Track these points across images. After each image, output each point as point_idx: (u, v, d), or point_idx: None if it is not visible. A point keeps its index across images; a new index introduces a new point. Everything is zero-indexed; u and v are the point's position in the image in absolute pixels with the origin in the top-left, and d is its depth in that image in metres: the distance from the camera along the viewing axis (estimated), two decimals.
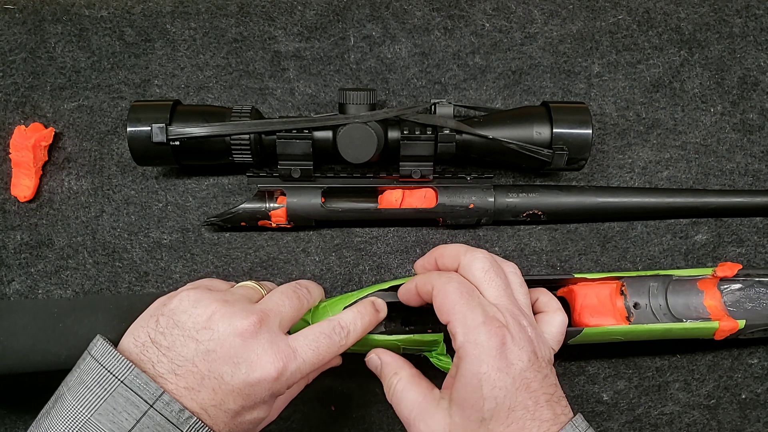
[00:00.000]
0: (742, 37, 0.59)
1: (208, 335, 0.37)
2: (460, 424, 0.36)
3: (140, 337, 0.37)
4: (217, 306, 0.38)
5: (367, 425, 0.54)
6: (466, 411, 0.36)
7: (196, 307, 0.38)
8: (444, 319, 0.39)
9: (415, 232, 0.55)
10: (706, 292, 0.49)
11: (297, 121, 0.49)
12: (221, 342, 0.36)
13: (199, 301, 0.38)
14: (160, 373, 0.36)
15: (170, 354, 0.36)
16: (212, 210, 0.55)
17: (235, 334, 0.37)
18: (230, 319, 0.37)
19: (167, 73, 0.57)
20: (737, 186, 0.57)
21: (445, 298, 0.39)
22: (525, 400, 0.36)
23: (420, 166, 0.51)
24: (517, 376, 0.36)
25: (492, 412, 0.35)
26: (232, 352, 0.36)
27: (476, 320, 0.37)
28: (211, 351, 0.36)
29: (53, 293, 0.54)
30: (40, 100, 0.56)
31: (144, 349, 0.37)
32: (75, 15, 0.57)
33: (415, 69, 0.57)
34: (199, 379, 0.36)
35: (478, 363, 0.36)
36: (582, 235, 0.56)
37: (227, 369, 0.36)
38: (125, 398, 0.34)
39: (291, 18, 0.58)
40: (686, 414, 0.54)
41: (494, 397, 0.35)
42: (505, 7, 0.58)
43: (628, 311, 0.48)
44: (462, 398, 0.36)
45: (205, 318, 0.37)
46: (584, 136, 0.50)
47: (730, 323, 0.48)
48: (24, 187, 0.54)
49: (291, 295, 0.42)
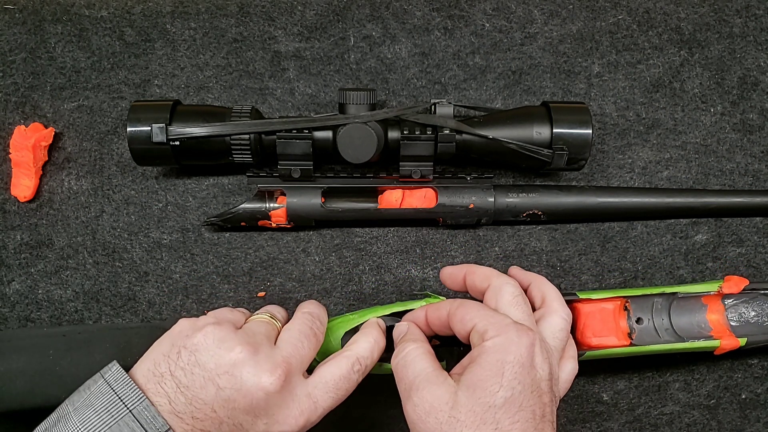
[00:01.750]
0: (742, 37, 0.59)
1: (231, 382, 0.36)
2: (465, 403, 0.35)
3: (160, 367, 0.37)
4: (242, 351, 0.37)
5: (367, 425, 0.54)
6: (477, 393, 0.35)
7: (220, 348, 0.37)
8: (466, 327, 0.38)
9: (415, 232, 0.55)
10: (710, 305, 0.49)
11: (297, 121, 0.49)
12: (243, 393, 0.36)
13: (223, 341, 0.37)
14: (176, 411, 0.35)
15: (188, 393, 0.35)
16: (212, 210, 0.55)
17: (259, 388, 0.36)
18: (255, 370, 0.36)
19: (167, 73, 0.57)
20: (737, 186, 0.57)
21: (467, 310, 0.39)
22: (534, 406, 0.35)
23: (420, 166, 0.51)
24: (536, 380, 0.36)
25: (505, 401, 0.35)
26: (254, 404, 0.36)
27: (505, 321, 0.37)
28: (231, 399, 0.36)
29: (53, 293, 0.54)
30: (40, 100, 0.56)
31: (162, 381, 0.36)
32: (75, 15, 0.57)
33: (415, 69, 0.57)
34: (216, 425, 0.35)
35: (505, 353, 0.35)
36: (582, 235, 0.56)
37: (247, 419, 0.36)
38: (131, 429, 0.34)
39: (291, 18, 0.58)
40: (686, 414, 0.54)
41: (512, 387, 0.35)
42: (505, 7, 0.58)
43: (631, 329, 0.48)
44: (477, 380, 0.35)
45: (229, 363, 0.36)
46: (584, 136, 0.50)
47: (732, 342, 0.48)
48: (24, 187, 0.54)
49: (309, 334, 0.41)
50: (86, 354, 0.42)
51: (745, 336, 0.48)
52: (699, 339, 0.48)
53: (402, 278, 0.55)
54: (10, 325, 0.54)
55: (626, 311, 0.49)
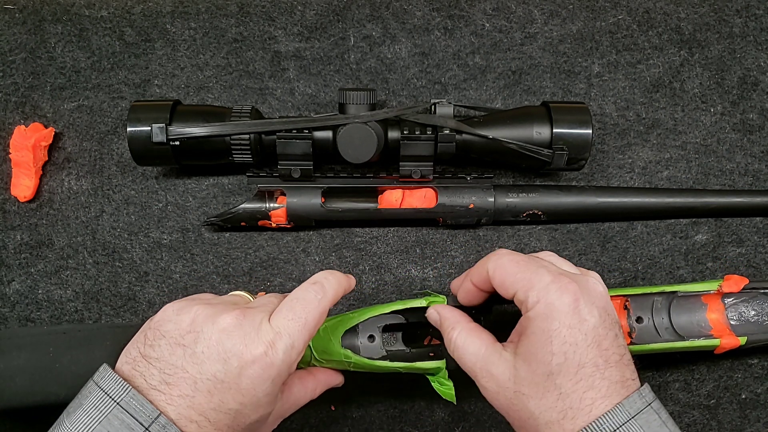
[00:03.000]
0: (742, 37, 0.59)
1: (194, 338, 0.36)
2: (524, 376, 0.36)
3: (131, 353, 0.37)
4: (199, 309, 0.37)
5: (367, 425, 0.54)
6: (532, 365, 0.35)
7: (179, 314, 0.37)
8: (508, 292, 0.38)
9: (415, 232, 0.55)
10: (710, 304, 0.49)
11: (297, 121, 0.49)
12: (207, 342, 0.36)
13: (182, 309, 0.38)
14: (152, 386, 0.35)
15: (159, 364, 0.36)
16: (212, 210, 0.55)
17: (220, 330, 0.36)
18: (212, 317, 0.37)
19: (167, 73, 0.57)
20: (737, 186, 0.57)
21: (504, 271, 0.38)
22: (595, 357, 0.35)
23: (420, 166, 0.51)
24: (589, 332, 0.35)
25: (561, 367, 0.35)
26: (219, 348, 0.36)
27: (543, 281, 0.37)
28: (198, 353, 0.36)
29: (53, 293, 0.54)
30: (40, 100, 0.56)
31: (135, 364, 0.36)
32: (75, 15, 0.57)
33: (415, 69, 0.57)
34: (191, 384, 0.35)
35: (548, 320, 0.35)
36: (582, 235, 0.56)
37: (219, 367, 0.36)
38: (120, 420, 0.34)
39: (291, 18, 0.58)
40: (686, 414, 0.54)
41: (563, 352, 0.35)
42: (505, 7, 0.58)
43: (631, 328, 0.48)
44: (529, 352, 0.36)
45: (188, 323, 0.37)
46: (584, 136, 0.50)
47: (732, 340, 0.48)
48: (24, 187, 0.54)
49: (279, 296, 0.41)
50: (86, 351, 0.41)
51: (745, 335, 0.48)
52: (699, 338, 0.48)
53: (402, 278, 0.55)
54: (10, 324, 0.54)
55: (626, 310, 0.49)
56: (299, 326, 0.38)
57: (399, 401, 0.54)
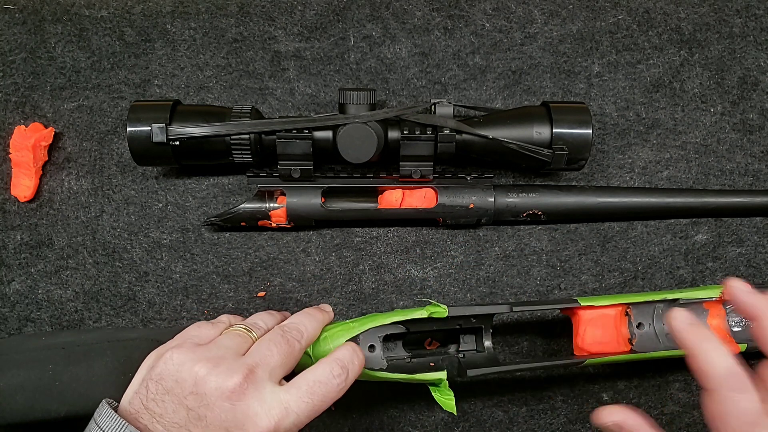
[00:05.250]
0: (742, 37, 0.59)
1: (197, 401, 0.36)
2: None
3: (134, 403, 0.37)
4: (202, 367, 0.37)
5: (367, 425, 0.54)
6: None
7: (181, 371, 0.37)
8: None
9: (415, 232, 0.55)
10: (711, 310, 0.49)
11: (297, 121, 0.49)
12: (211, 408, 0.36)
13: (183, 363, 0.37)
14: None
15: (163, 421, 0.36)
16: (212, 210, 0.55)
17: (224, 398, 0.36)
18: (217, 379, 0.36)
19: (167, 73, 0.57)
20: (737, 186, 0.57)
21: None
22: None
23: (420, 166, 0.51)
24: None
25: None
26: (222, 416, 0.36)
27: None
28: (202, 417, 0.36)
29: (53, 293, 0.54)
30: (40, 100, 0.56)
31: (139, 416, 0.36)
32: (75, 15, 0.57)
33: (415, 69, 0.57)
34: None
35: None
36: (582, 235, 0.56)
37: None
38: None
39: (291, 18, 0.58)
40: (686, 414, 0.54)
41: None
42: (505, 7, 0.58)
43: (632, 335, 0.48)
44: None
45: (191, 383, 0.36)
46: (584, 136, 0.50)
47: (732, 347, 0.48)
48: (24, 187, 0.54)
49: (279, 341, 0.40)
50: (86, 368, 0.41)
51: (746, 342, 0.48)
52: None
53: (402, 278, 0.55)
54: (10, 324, 0.54)
55: (627, 317, 0.49)
56: (310, 409, 0.38)
57: (399, 401, 0.54)
